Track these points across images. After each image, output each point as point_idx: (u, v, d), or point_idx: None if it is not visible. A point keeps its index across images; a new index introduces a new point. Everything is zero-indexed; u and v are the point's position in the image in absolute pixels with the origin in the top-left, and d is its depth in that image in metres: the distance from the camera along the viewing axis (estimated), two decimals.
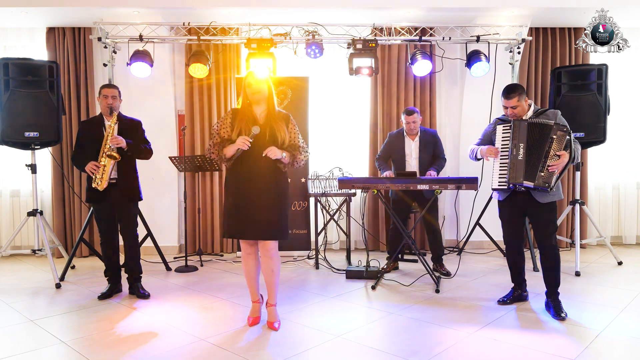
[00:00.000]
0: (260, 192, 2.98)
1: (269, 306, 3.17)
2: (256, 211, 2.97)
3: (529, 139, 3.18)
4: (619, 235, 5.82)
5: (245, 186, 2.99)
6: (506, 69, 5.16)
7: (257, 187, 2.98)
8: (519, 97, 3.22)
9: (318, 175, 4.88)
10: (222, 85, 5.43)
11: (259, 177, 2.98)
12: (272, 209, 3.00)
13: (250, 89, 3.02)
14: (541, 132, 3.16)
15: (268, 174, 3.01)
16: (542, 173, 3.13)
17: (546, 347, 2.71)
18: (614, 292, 3.78)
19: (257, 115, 3.05)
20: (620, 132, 5.59)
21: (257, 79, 3.04)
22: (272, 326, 3.10)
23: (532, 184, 3.14)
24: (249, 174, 2.99)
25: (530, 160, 3.17)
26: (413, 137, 4.50)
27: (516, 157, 3.20)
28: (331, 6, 4.83)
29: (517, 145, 3.20)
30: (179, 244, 5.56)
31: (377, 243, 5.59)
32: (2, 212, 5.50)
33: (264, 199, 2.98)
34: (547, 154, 3.12)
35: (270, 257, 3.06)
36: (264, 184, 2.99)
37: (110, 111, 3.65)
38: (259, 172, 2.98)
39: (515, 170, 3.19)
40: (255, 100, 3.04)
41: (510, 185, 3.21)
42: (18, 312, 3.47)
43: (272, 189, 3.02)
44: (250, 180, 2.98)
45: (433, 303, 3.59)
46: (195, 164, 4.93)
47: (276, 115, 3.06)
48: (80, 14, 4.89)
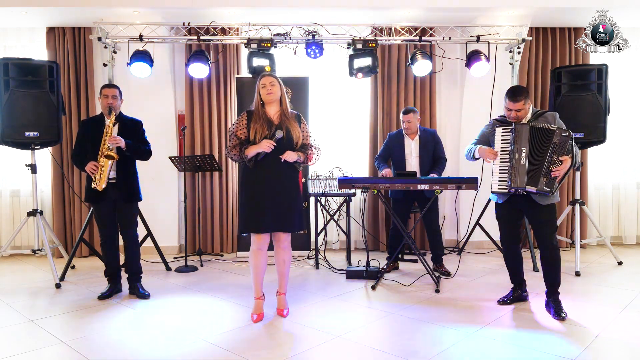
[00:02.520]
0: (277, 188, 3.12)
1: (279, 294, 3.35)
2: (274, 205, 3.10)
3: (532, 144, 3.16)
4: (619, 235, 5.82)
5: (262, 183, 3.12)
6: (506, 69, 5.16)
7: (274, 184, 3.12)
8: (524, 101, 3.23)
9: (318, 175, 4.88)
10: (222, 85, 5.43)
11: (276, 175, 3.13)
12: (289, 202, 3.15)
13: (264, 89, 3.14)
14: (543, 136, 3.15)
15: (284, 170, 3.15)
16: (544, 178, 3.12)
17: (546, 347, 2.71)
18: (614, 292, 3.78)
19: (271, 116, 3.16)
20: (620, 132, 5.59)
21: (271, 79, 3.17)
22: (281, 313, 3.28)
23: (535, 189, 3.13)
24: (266, 172, 3.12)
25: (532, 165, 3.15)
26: (413, 136, 4.50)
27: (518, 161, 3.18)
28: (331, 6, 4.84)
29: (519, 149, 3.18)
30: (179, 244, 5.56)
31: (377, 243, 5.59)
32: (2, 212, 5.50)
33: (281, 194, 3.12)
34: (550, 159, 3.11)
35: (284, 248, 3.24)
36: (281, 181, 3.14)
37: (110, 111, 3.66)
38: (276, 170, 3.12)
39: (517, 175, 3.17)
40: (268, 100, 3.16)
41: (512, 189, 3.19)
42: (18, 312, 3.47)
43: (288, 184, 3.17)
44: (268, 177, 3.12)
45: (433, 303, 3.59)
46: (195, 164, 4.93)
47: (289, 115, 3.20)
48: (80, 14, 4.89)
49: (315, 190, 4.80)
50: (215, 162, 4.94)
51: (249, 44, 4.80)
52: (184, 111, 5.50)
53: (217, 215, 5.44)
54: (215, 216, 5.45)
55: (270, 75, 3.22)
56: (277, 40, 4.88)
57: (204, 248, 5.46)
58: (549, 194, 3.14)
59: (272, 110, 3.20)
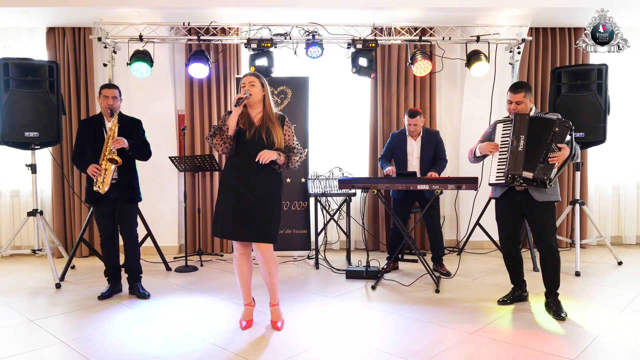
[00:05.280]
0: (253, 194, 2.92)
1: (271, 306, 3.16)
2: (248, 212, 2.90)
3: (530, 132, 3.17)
4: (619, 235, 5.82)
5: (238, 187, 2.93)
6: (506, 69, 5.16)
7: (250, 189, 2.92)
8: (525, 94, 3.24)
9: (318, 175, 4.88)
10: (222, 85, 5.43)
11: (253, 179, 2.93)
12: (264, 210, 2.93)
13: (243, 90, 2.99)
14: (543, 125, 3.16)
15: (262, 175, 2.95)
16: (542, 164, 3.10)
17: (546, 347, 2.71)
18: (614, 292, 3.78)
19: (253, 118, 3.02)
20: (620, 132, 5.59)
21: (251, 79, 3.00)
22: (275, 325, 3.09)
23: (532, 175, 3.10)
24: (243, 174, 2.94)
25: (530, 151, 3.15)
26: (415, 137, 4.51)
27: (516, 147, 3.17)
28: (331, 6, 4.84)
29: (518, 137, 3.18)
30: (179, 244, 5.56)
31: (377, 243, 5.59)
32: (2, 212, 5.50)
33: (254, 201, 2.92)
34: (549, 147, 3.11)
35: (266, 261, 3.00)
36: (258, 185, 2.93)
37: (111, 113, 3.65)
38: (253, 172, 2.93)
39: (514, 160, 3.16)
40: (248, 103, 2.99)
41: (509, 175, 3.15)
42: (18, 312, 3.47)
43: (265, 190, 2.95)
44: (244, 181, 2.93)
45: (433, 303, 3.59)
46: (195, 164, 4.93)
47: (272, 117, 3.02)
48: (80, 14, 4.89)
49: (315, 190, 4.80)
50: (215, 162, 4.94)
51: (249, 44, 4.80)
52: (184, 111, 5.50)
53: None
54: None
55: (252, 75, 3.03)
56: (277, 40, 4.88)
57: (204, 248, 5.46)
58: (546, 183, 3.09)
59: (253, 111, 3.03)
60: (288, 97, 5.21)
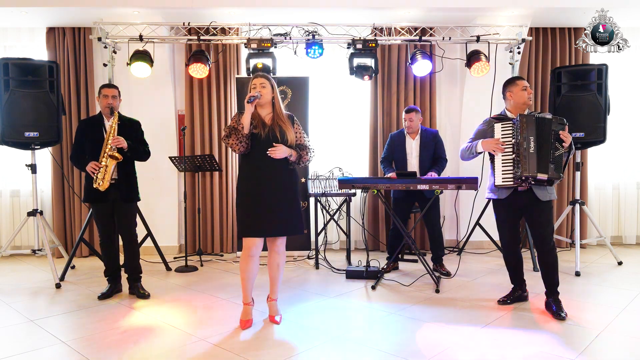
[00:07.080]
0: (275, 191, 3.03)
1: (270, 300, 3.23)
2: (278, 208, 3.01)
3: (538, 133, 3.18)
4: (619, 235, 5.82)
5: (262, 185, 3.02)
6: (506, 69, 5.16)
7: (271, 186, 3.02)
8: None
9: (318, 175, 4.88)
10: (222, 85, 5.43)
11: (273, 176, 3.03)
12: (288, 205, 3.05)
13: (254, 91, 3.05)
14: (547, 125, 3.18)
15: (280, 172, 3.05)
16: (552, 164, 3.14)
17: (546, 347, 2.71)
18: (614, 292, 3.78)
19: (263, 117, 3.10)
20: (620, 132, 5.59)
21: (261, 81, 3.08)
22: (273, 320, 3.16)
23: (546, 176, 3.13)
24: (261, 174, 3.03)
25: (541, 153, 3.16)
26: (414, 136, 4.51)
27: (527, 150, 3.17)
28: (331, 6, 4.84)
29: (527, 138, 3.18)
30: (179, 244, 5.56)
31: (377, 243, 5.59)
32: (2, 212, 5.50)
33: (279, 197, 3.03)
34: (553, 146, 3.16)
35: (279, 252, 3.15)
36: (278, 182, 3.04)
37: (111, 111, 3.65)
38: (272, 169, 3.02)
39: (527, 163, 3.15)
40: (258, 103, 3.06)
41: (522, 177, 3.16)
42: (18, 312, 3.47)
43: (287, 185, 3.07)
44: (266, 178, 3.03)
45: (433, 303, 3.59)
46: (195, 164, 4.93)
47: (283, 117, 3.11)
48: (80, 14, 4.89)
49: (315, 190, 4.80)
50: (215, 162, 4.94)
51: (249, 44, 4.80)
52: (184, 111, 5.50)
53: (217, 215, 5.44)
54: (215, 216, 5.45)
55: (262, 77, 3.09)
56: (277, 40, 4.88)
57: (204, 248, 5.46)
58: (553, 182, 3.15)
59: (263, 112, 3.11)
60: (288, 97, 5.21)
